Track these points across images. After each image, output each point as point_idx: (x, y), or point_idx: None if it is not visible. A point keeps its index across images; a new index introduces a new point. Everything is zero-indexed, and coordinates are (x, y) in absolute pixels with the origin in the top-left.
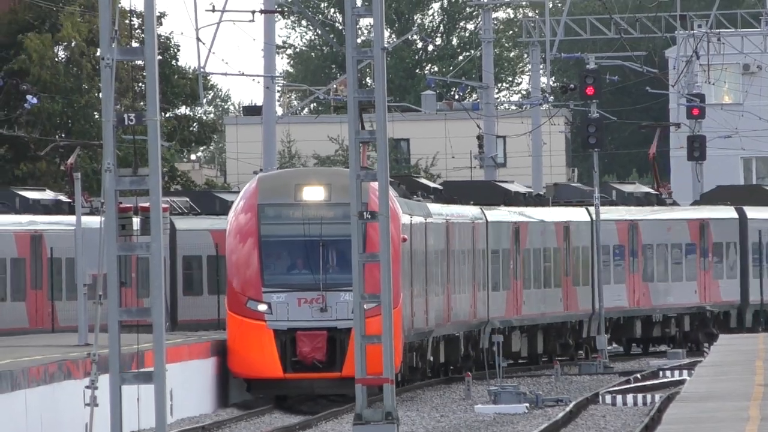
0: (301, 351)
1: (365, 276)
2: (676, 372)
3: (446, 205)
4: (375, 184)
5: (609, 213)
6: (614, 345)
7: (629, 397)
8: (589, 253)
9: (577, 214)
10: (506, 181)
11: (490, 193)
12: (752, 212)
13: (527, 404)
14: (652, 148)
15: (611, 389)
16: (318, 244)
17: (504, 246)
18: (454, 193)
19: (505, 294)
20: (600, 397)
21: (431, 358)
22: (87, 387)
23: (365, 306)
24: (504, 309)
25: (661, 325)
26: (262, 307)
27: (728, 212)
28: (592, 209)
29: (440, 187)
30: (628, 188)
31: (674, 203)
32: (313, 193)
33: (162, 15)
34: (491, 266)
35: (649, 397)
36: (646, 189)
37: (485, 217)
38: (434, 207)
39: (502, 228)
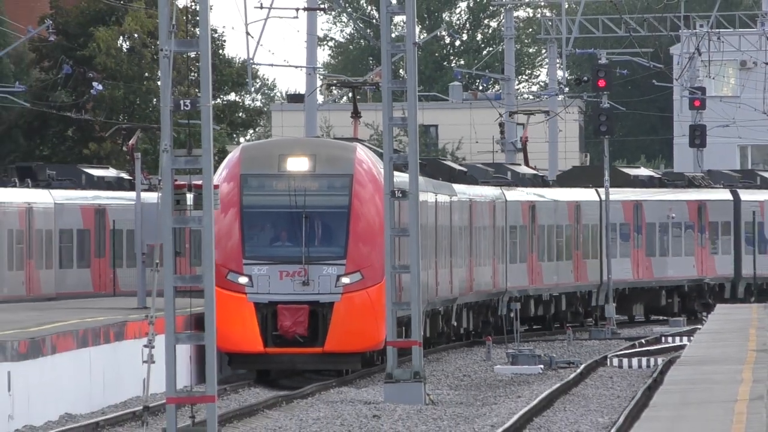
0: (282, 325)
1: (350, 249)
2: (677, 338)
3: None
4: (362, 155)
5: (514, 194)
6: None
7: (634, 361)
8: (493, 232)
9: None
10: (444, 159)
11: (436, 170)
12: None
13: (542, 366)
14: (524, 133)
15: (618, 353)
16: (301, 216)
17: (465, 224)
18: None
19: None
20: (608, 360)
21: (453, 324)
22: (145, 346)
23: (347, 281)
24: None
25: (544, 305)
26: (243, 280)
27: (591, 194)
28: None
29: (425, 163)
30: (522, 170)
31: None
32: (298, 164)
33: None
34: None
35: (652, 360)
36: (534, 171)
37: (457, 195)
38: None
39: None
